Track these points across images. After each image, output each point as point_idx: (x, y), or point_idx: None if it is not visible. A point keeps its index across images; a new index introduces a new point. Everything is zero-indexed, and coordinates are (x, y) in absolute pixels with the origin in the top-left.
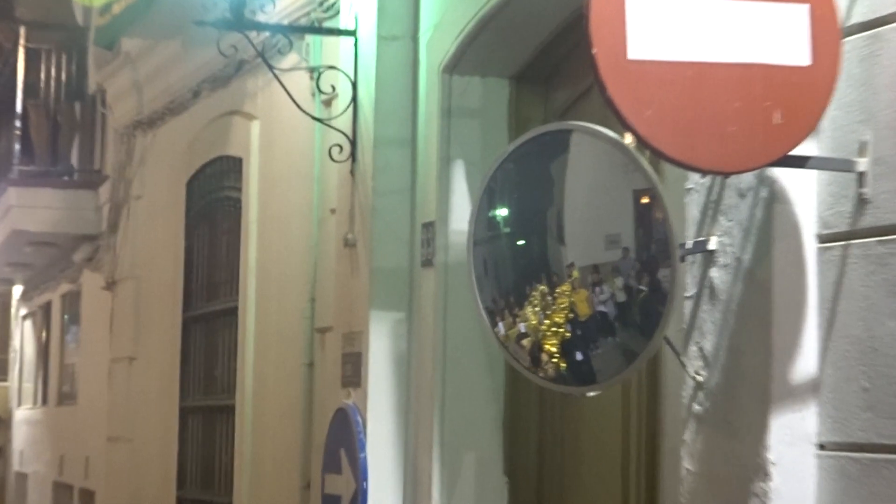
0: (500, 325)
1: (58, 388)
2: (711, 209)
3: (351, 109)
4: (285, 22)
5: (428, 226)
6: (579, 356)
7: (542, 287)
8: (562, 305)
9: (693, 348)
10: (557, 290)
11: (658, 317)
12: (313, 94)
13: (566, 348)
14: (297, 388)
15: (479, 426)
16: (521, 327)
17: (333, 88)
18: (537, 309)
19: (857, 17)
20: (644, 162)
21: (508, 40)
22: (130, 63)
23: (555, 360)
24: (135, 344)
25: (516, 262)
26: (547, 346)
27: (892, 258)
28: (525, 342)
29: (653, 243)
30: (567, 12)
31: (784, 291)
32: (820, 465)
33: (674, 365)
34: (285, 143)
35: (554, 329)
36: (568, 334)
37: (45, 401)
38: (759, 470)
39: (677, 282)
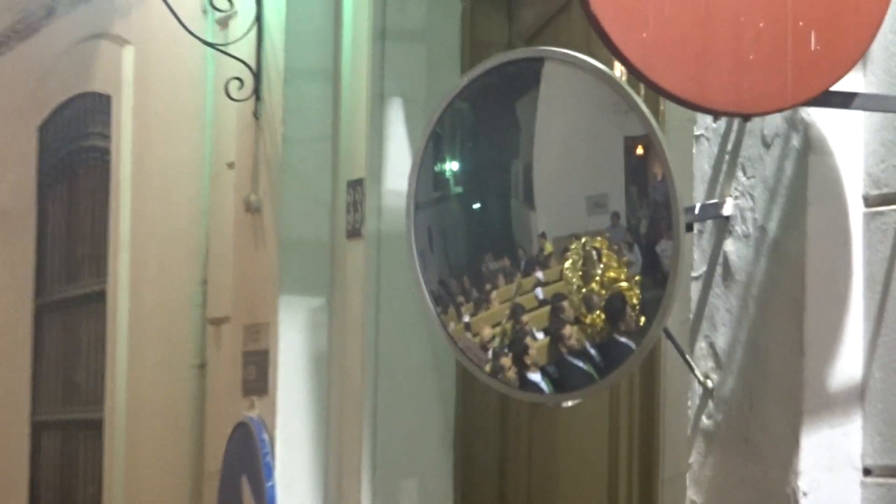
0: (495, 292)
1: None
2: (727, 163)
3: (254, 32)
4: None
5: (355, 184)
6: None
7: (584, 238)
8: (613, 262)
9: (702, 344)
10: (595, 244)
11: (656, 303)
12: (204, 12)
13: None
14: (185, 397)
15: (423, 445)
16: (539, 293)
17: (231, 4)
18: (578, 265)
19: None
20: (638, 100)
21: None
22: None
23: (636, 312)
24: None
25: (471, 232)
26: (631, 299)
27: None
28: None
29: (650, 207)
30: None
31: (821, 270)
32: (866, 496)
33: (677, 366)
34: (168, 75)
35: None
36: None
37: None
38: (788, 502)
39: (682, 257)
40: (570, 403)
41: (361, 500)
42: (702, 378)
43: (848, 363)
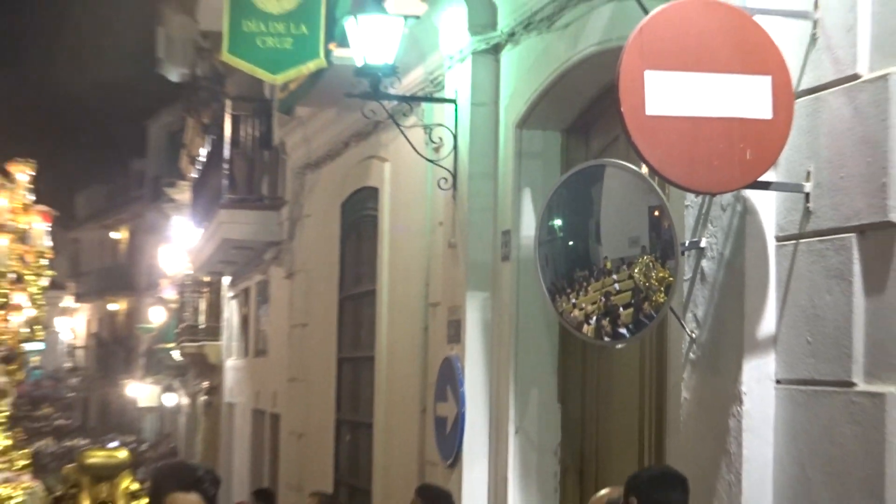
0: (590, 286)
1: (254, 346)
2: (702, 219)
3: (452, 153)
4: (408, 94)
5: (506, 233)
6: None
7: (645, 257)
8: (660, 274)
9: (689, 315)
10: (650, 260)
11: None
12: (426, 143)
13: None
14: (417, 344)
15: (541, 369)
16: (616, 286)
17: (441, 139)
18: (642, 270)
19: (805, 85)
20: (656, 186)
21: (560, 105)
22: (302, 124)
23: (662, 299)
24: (306, 315)
25: (567, 256)
26: (655, 298)
27: (827, 252)
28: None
29: (662, 242)
30: (601, 84)
31: (753, 275)
32: (777, 395)
33: (676, 326)
34: (407, 177)
35: (661, 281)
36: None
37: (245, 354)
38: (735, 398)
39: (679, 269)
40: (620, 346)
41: (509, 398)
42: (689, 332)
43: (767, 325)
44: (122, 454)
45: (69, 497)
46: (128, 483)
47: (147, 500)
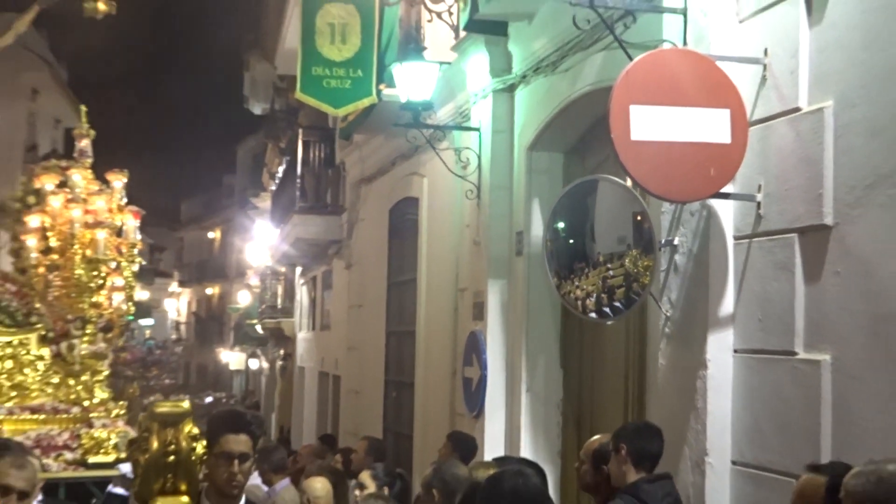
0: (591, 273)
1: (320, 321)
2: (675, 222)
3: (477, 171)
4: (441, 123)
5: (519, 233)
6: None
7: (634, 250)
8: (644, 263)
9: (665, 298)
10: (637, 252)
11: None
12: (456, 162)
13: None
14: (449, 321)
15: (547, 341)
16: (611, 273)
17: (467, 159)
18: (633, 261)
19: (757, 116)
20: (639, 196)
21: (562, 132)
22: (358, 147)
23: (647, 279)
24: (361, 298)
25: (568, 251)
26: (642, 280)
27: (775, 248)
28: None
29: (643, 241)
30: (595, 115)
31: (715, 267)
32: (735, 362)
33: (654, 307)
34: (441, 189)
35: (646, 268)
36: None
37: (313, 328)
38: (702, 364)
39: (657, 262)
40: (610, 322)
41: (522, 364)
42: (665, 312)
43: (727, 306)
44: (185, 404)
45: (142, 440)
46: (189, 428)
47: (205, 441)
